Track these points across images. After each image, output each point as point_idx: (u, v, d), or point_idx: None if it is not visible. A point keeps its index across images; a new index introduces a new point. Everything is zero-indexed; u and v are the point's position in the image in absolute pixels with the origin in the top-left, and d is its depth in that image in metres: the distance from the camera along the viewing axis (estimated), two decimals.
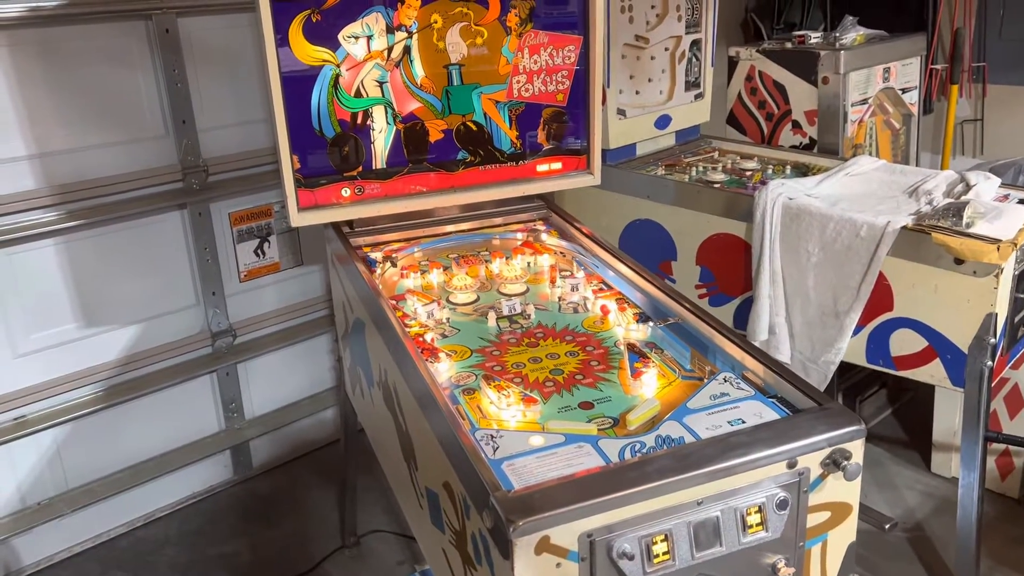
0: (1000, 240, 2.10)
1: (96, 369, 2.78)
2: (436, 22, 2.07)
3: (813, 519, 1.32)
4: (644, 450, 1.32)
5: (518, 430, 1.42)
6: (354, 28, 2.00)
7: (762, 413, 1.41)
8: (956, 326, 2.20)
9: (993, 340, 2.14)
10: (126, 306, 2.82)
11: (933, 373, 2.28)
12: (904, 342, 2.31)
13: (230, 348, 3.06)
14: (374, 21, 2.01)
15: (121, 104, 2.68)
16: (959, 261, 2.15)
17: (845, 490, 1.33)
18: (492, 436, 1.37)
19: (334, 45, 2.00)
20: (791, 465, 1.28)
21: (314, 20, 1.96)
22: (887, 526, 2.75)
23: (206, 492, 3.12)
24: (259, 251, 3.10)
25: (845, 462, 1.29)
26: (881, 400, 3.43)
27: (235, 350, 3.08)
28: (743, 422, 1.38)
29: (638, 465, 1.25)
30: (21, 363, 2.64)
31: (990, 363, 2.16)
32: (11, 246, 2.54)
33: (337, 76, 2.02)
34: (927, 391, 2.94)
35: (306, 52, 1.97)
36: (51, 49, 2.51)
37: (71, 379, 2.73)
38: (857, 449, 1.31)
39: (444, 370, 1.65)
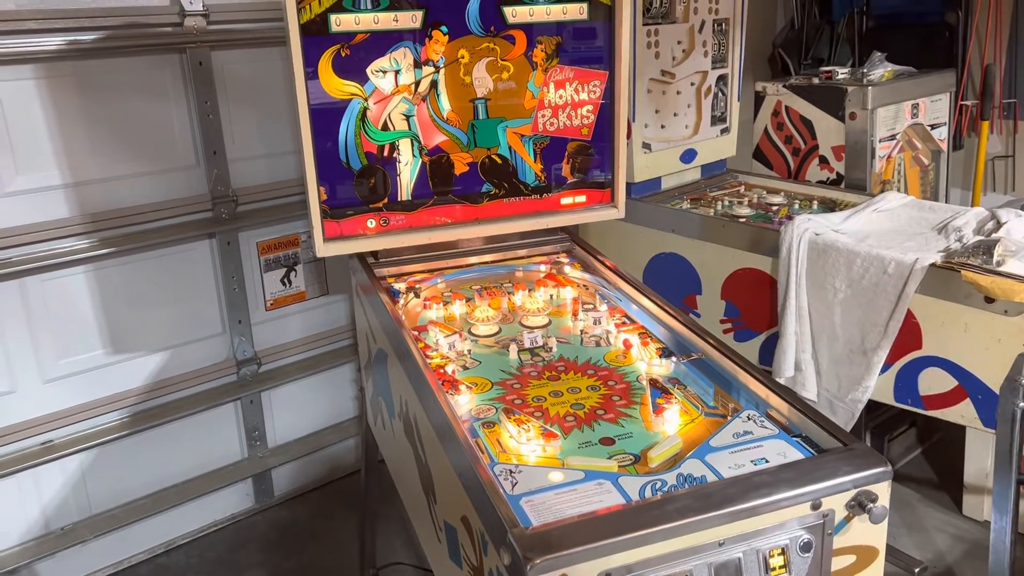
0: None
1: (123, 395, 2.81)
2: (463, 57, 2.10)
3: (838, 562, 1.30)
4: (665, 488, 1.30)
5: (537, 465, 1.41)
6: (382, 63, 2.03)
7: (786, 452, 1.39)
8: (987, 366, 2.16)
9: None
10: (154, 333, 2.85)
11: (963, 413, 2.24)
12: (933, 381, 2.27)
13: (255, 376, 3.08)
14: (402, 56, 2.04)
15: (154, 135, 2.73)
16: (989, 300, 2.11)
17: (871, 533, 1.31)
18: (511, 471, 1.36)
19: (362, 79, 2.03)
20: (815, 506, 1.26)
21: (343, 55, 1.99)
22: (917, 570, 2.68)
23: (227, 520, 3.12)
24: (285, 280, 3.13)
25: (871, 504, 1.26)
26: (910, 439, 3.37)
27: (259, 378, 3.09)
28: (766, 461, 1.36)
29: (659, 504, 1.23)
30: (50, 388, 2.67)
31: (1022, 404, 2.11)
32: (43, 272, 2.59)
33: (365, 109, 2.05)
34: (958, 431, 2.87)
35: (335, 86, 2.00)
36: (88, 81, 2.57)
37: (98, 405, 2.76)
38: (883, 491, 1.28)
39: (464, 402, 1.64)
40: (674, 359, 1.76)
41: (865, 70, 3.38)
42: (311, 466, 3.31)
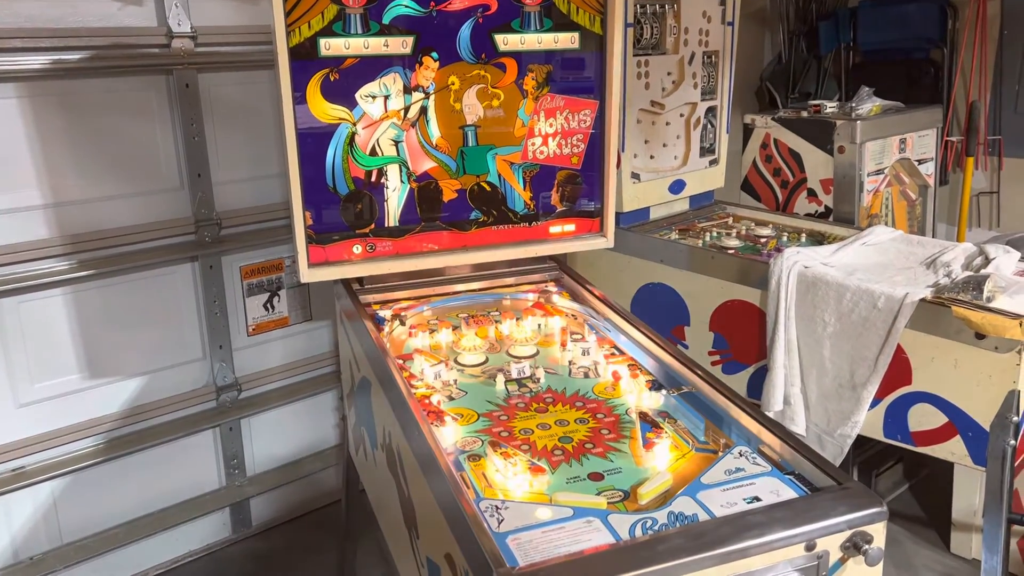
0: (1022, 315, 2.05)
1: (98, 421, 2.74)
2: (453, 84, 2.08)
3: None
4: (656, 527, 1.27)
5: (525, 501, 1.37)
6: (372, 88, 2.01)
7: (779, 491, 1.36)
8: (977, 403, 2.14)
9: (1016, 418, 2.08)
10: (132, 357, 2.79)
11: (953, 450, 2.21)
12: (923, 417, 2.25)
13: (234, 403, 3.02)
14: (392, 81, 2.03)
15: (138, 156, 2.70)
16: (980, 336, 2.10)
17: None
18: (497, 507, 1.32)
19: (351, 104, 2.00)
20: (810, 547, 1.22)
21: (332, 79, 1.97)
22: None
23: (203, 551, 3.04)
24: (268, 305, 3.08)
25: (866, 546, 1.23)
26: (897, 475, 3.34)
27: (239, 405, 3.03)
28: (759, 500, 1.33)
29: (650, 544, 1.20)
30: (23, 413, 2.60)
31: (1013, 442, 2.10)
32: (20, 294, 2.53)
33: (353, 134, 2.02)
34: (946, 467, 2.85)
35: (323, 110, 1.98)
36: (72, 101, 2.54)
37: (73, 430, 2.69)
38: (879, 532, 1.25)
39: (449, 434, 1.60)
40: (664, 392, 1.73)
41: (853, 104, 3.40)
42: (290, 495, 3.24)
